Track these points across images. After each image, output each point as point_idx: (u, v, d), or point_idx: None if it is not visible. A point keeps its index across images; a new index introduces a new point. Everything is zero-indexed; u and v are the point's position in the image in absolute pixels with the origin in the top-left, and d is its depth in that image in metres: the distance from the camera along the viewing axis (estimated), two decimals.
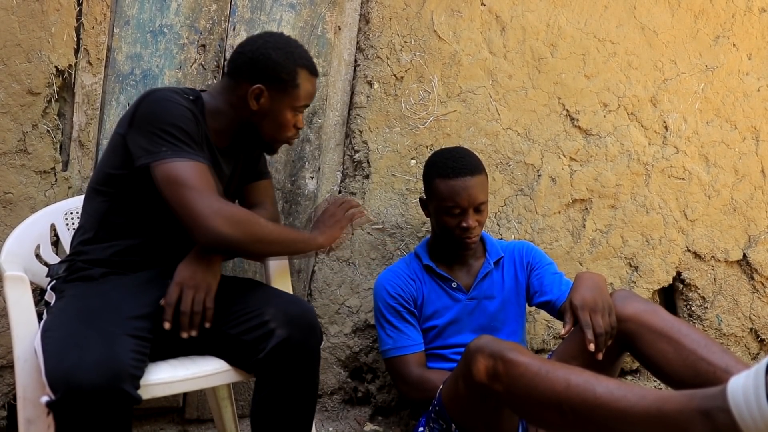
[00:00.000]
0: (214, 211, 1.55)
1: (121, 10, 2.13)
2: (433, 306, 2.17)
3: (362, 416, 2.49)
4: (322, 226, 1.83)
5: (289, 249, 1.77)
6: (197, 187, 1.57)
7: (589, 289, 1.80)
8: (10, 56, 1.99)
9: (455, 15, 2.50)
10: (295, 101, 1.79)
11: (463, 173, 2.06)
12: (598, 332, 1.71)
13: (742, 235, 2.98)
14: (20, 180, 2.03)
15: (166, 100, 1.65)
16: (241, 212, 1.63)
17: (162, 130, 1.61)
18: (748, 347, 3.07)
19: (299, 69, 1.78)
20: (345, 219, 1.87)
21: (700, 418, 1.13)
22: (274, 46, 1.77)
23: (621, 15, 2.72)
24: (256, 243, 1.63)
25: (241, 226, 1.58)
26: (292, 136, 1.87)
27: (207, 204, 1.56)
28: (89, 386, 1.34)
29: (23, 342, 1.55)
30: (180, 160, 1.59)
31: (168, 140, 1.60)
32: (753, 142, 2.97)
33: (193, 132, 1.64)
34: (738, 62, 2.92)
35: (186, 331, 1.60)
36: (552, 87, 2.64)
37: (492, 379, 1.45)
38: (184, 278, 1.63)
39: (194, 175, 1.58)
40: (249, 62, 1.76)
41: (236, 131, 1.83)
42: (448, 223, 2.08)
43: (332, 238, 1.84)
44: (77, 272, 1.69)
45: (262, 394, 1.67)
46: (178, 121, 1.62)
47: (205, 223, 1.55)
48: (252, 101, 1.76)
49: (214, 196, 1.58)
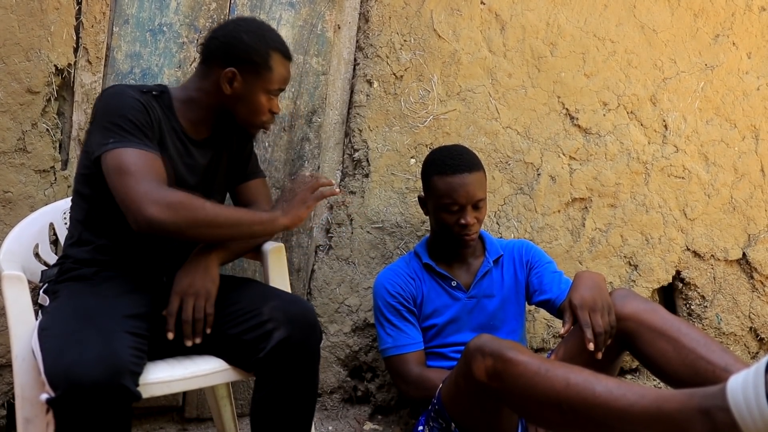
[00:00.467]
0: (147, 196, 1.52)
1: (120, 8, 2.12)
2: (433, 305, 2.17)
3: (362, 415, 2.49)
4: (286, 206, 1.73)
5: (245, 232, 1.68)
6: (136, 173, 1.55)
7: (588, 288, 1.80)
8: (9, 55, 1.99)
9: (455, 14, 2.49)
10: (268, 84, 1.77)
11: (460, 170, 2.06)
12: (598, 332, 1.71)
13: (741, 234, 2.98)
14: (19, 179, 2.03)
15: (117, 94, 1.65)
16: (179, 197, 1.56)
17: (111, 122, 1.61)
18: (748, 346, 3.07)
19: (272, 52, 1.77)
20: (311, 198, 1.74)
21: (700, 417, 1.13)
22: (246, 30, 1.76)
23: (621, 14, 2.72)
24: (197, 227, 1.57)
25: (177, 211, 1.53)
26: (268, 121, 1.84)
27: (143, 189, 1.53)
28: (90, 382, 1.34)
29: (21, 341, 1.55)
30: (124, 148, 1.58)
31: (115, 131, 1.60)
32: (752, 141, 2.97)
33: (141, 121, 1.63)
34: (738, 61, 2.91)
35: (190, 339, 1.62)
36: (552, 86, 2.64)
37: (491, 378, 1.45)
38: (184, 287, 1.64)
39: (135, 161, 1.57)
40: (221, 46, 1.75)
41: (213, 121, 1.82)
42: (446, 220, 2.08)
43: (297, 219, 1.72)
44: (68, 272, 1.70)
45: (261, 393, 1.67)
46: (125, 112, 1.62)
47: (137, 207, 1.52)
48: (225, 85, 1.75)
49: (154, 182, 1.55)
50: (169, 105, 1.77)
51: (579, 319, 1.74)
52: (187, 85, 1.83)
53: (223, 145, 1.90)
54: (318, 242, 2.45)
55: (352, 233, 2.43)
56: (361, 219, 2.43)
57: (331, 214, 2.44)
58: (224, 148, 1.90)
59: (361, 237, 2.44)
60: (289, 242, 2.37)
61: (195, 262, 1.68)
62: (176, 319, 1.62)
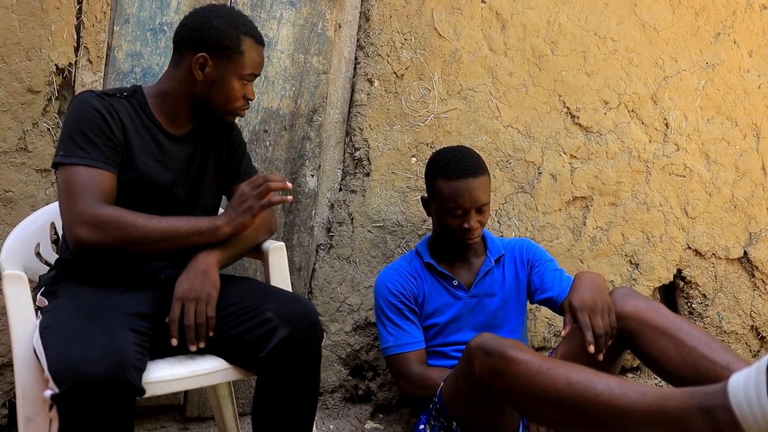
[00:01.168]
0: (78, 217, 1.56)
1: (121, 8, 2.12)
2: (434, 304, 2.17)
3: (363, 414, 2.49)
4: (232, 213, 1.68)
5: (182, 243, 1.65)
6: (74, 193, 1.58)
7: (588, 289, 1.79)
8: (10, 54, 1.99)
9: (455, 12, 2.49)
10: (240, 69, 1.75)
11: (465, 174, 2.05)
12: (598, 333, 1.70)
13: (742, 233, 2.98)
14: (20, 178, 2.03)
15: (76, 104, 1.67)
16: (109, 215, 1.57)
17: (65, 133, 1.65)
18: (749, 344, 3.07)
19: (243, 36, 1.75)
20: (258, 206, 1.66)
21: (701, 416, 1.13)
22: (216, 15, 1.75)
23: (621, 12, 2.72)
24: (129, 245, 1.59)
25: (107, 230, 1.56)
26: (242, 107, 1.82)
27: (76, 210, 1.57)
28: (95, 377, 1.34)
29: (22, 340, 1.55)
30: (70, 165, 1.61)
31: (67, 143, 1.63)
32: (754, 140, 2.96)
33: (95, 132, 1.64)
34: (739, 59, 2.91)
35: (194, 344, 1.62)
36: (552, 84, 2.64)
37: (493, 377, 1.44)
38: (184, 292, 1.64)
39: (76, 179, 1.59)
40: (191, 33, 1.74)
41: (191, 113, 1.81)
42: (449, 223, 2.08)
43: (241, 227, 1.68)
44: (66, 272, 1.70)
45: (263, 392, 1.67)
46: (80, 123, 1.64)
47: (69, 230, 1.58)
48: (197, 71, 1.73)
49: (89, 201, 1.58)
50: (143, 103, 1.76)
51: (579, 321, 1.73)
52: (161, 78, 1.82)
53: (208, 141, 1.87)
54: (319, 241, 2.45)
55: (353, 232, 2.43)
56: (362, 218, 2.43)
57: (332, 213, 2.44)
58: (210, 143, 1.88)
59: (362, 236, 2.44)
60: (290, 241, 2.38)
61: (195, 267, 1.68)
62: (179, 324, 1.62)
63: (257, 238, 1.88)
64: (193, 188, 1.84)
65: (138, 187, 1.71)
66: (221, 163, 1.92)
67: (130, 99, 1.75)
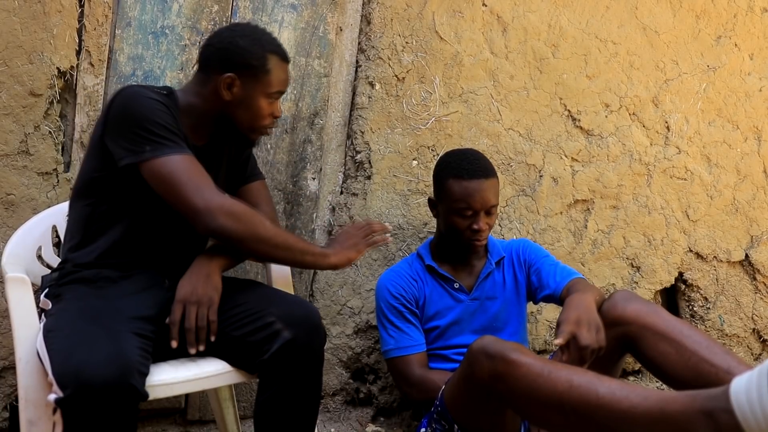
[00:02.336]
0: (213, 206, 1.58)
1: (122, 11, 2.13)
2: (435, 306, 2.17)
3: (364, 417, 2.49)
4: (338, 246, 1.79)
5: (296, 258, 1.72)
6: (190, 182, 1.59)
7: (575, 308, 1.76)
8: (12, 57, 1.99)
9: (456, 16, 2.50)
10: (267, 87, 1.77)
11: (477, 175, 2.05)
12: (584, 344, 1.66)
13: (744, 236, 2.98)
14: (22, 181, 2.04)
15: (138, 96, 1.64)
16: (244, 208, 1.64)
17: (140, 127, 1.60)
18: (751, 348, 3.07)
19: (269, 55, 1.76)
20: (363, 243, 1.81)
21: (703, 419, 1.13)
22: (242, 34, 1.76)
23: (622, 15, 2.72)
24: (257, 242, 1.63)
25: (244, 223, 1.61)
26: (269, 125, 1.84)
27: (206, 197, 1.58)
28: (100, 382, 1.34)
29: (25, 343, 1.55)
30: (165, 155, 1.59)
31: (148, 137, 1.60)
32: (755, 143, 2.97)
33: (170, 124, 1.63)
34: (740, 62, 2.91)
35: (194, 347, 1.62)
36: (554, 87, 2.64)
37: (494, 380, 1.45)
38: (186, 295, 1.64)
39: (183, 168, 1.60)
40: (218, 53, 1.75)
41: (212, 128, 1.81)
42: (458, 224, 2.08)
43: (346, 261, 1.78)
44: (70, 275, 1.69)
45: (265, 395, 1.67)
46: (154, 116, 1.62)
47: (206, 218, 1.58)
48: (224, 91, 1.74)
49: (210, 188, 1.60)
50: (176, 107, 1.76)
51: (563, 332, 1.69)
52: (187, 90, 1.82)
53: (221, 153, 1.89)
54: (320, 244, 2.45)
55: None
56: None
57: (333, 216, 2.44)
58: (222, 155, 1.89)
59: None
60: None
61: (197, 270, 1.68)
62: (179, 327, 1.62)
63: None
64: None
65: None
66: (229, 168, 1.93)
67: (167, 99, 1.72)
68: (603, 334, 1.71)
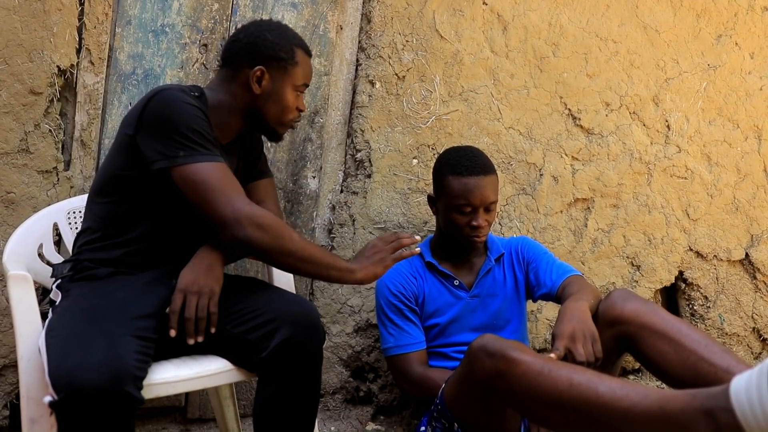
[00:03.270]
0: (244, 216, 1.58)
1: (123, 9, 2.13)
2: (435, 304, 2.17)
3: (364, 416, 2.49)
4: (364, 261, 1.73)
5: (321, 273, 1.69)
6: (222, 190, 1.59)
7: (569, 320, 1.74)
8: (12, 56, 1.99)
9: (457, 14, 2.50)
10: (295, 80, 1.80)
11: (476, 172, 2.06)
12: (579, 361, 1.65)
13: (744, 235, 2.98)
14: (22, 179, 2.04)
15: (176, 100, 1.64)
16: (272, 219, 1.62)
17: (176, 132, 1.60)
18: (751, 347, 3.07)
19: (296, 48, 1.81)
20: (390, 258, 1.75)
21: (703, 418, 1.13)
22: (268, 29, 1.80)
23: (623, 14, 2.72)
24: (282, 255, 1.63)
25: (271, 235, 1.60)
26: (295, 119, 1.87)
27: (236, 206, 1.59)
28: (91, 387, 1.34)
29: (27, 341, 1.55)
30: (198, 162, 1.60)
31: (183, 143, 1.60)
32: (755, 141, 2.96)
33: (206, 131, 1.64)
34: (740, 61, 2.91)
35: (192, 338, 1.61)
36: (554, 86, 2.64)
37: (494, 378, 1.44)
38: (187, 285, 1.63)
39: (216, 176, 1.60)
40: (246, 47, 1.77)
41: (239, 125, 1.83)
42: (457, 221, 2.08)
43: (372, 276, 1.73)
44: (83, 272, 1.69)
45: (264, 393, 1.67)
46: (192, 122, 1.62)
47: (235, 225, 1.58)
48: (254, 85, 1.76)
49: (242, 199, 1.61)
50: (205, 109, 1.75)
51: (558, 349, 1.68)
52: (213, 89, 1.82)
53: (242, 150, 1.91)
54: (320, 242, 2.45)
55: (355, 234, 2.43)
56: (363, 219, 2.43)
57: (333, 215, 2.44)
58: (243, 152, 1.92)
59: (364, 237, 2.44)
60: None
61: (199, 261, 1.67)
62: (180, 316, 1.61)
63: None
64: None
65: None
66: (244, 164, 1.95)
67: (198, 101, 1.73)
68: (599, 345, 1.71)
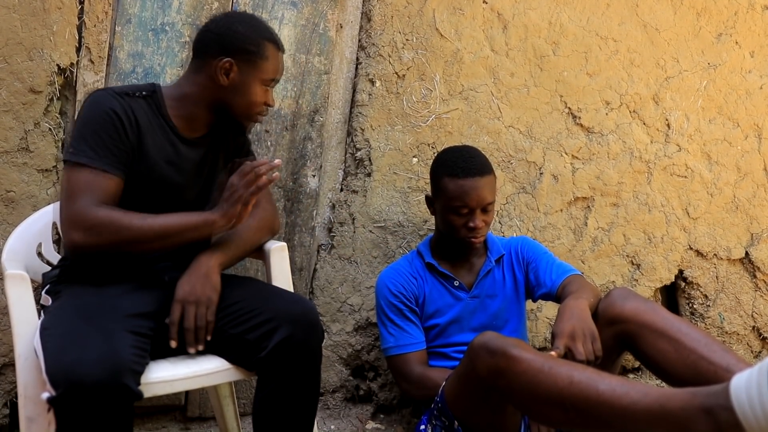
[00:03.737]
0: (72, 220, 1.58)
1: (122, 8, 2.13)
2: (435, 304, 2.16)
3: (364, 414, 2.49)
4: (224, 205, 1.66)
5: (176, 241, 1.65)
6: (74, 194, 1.59)
7: (569, 319, 1.74)
8: (11, 54, 1.99)
9: (457, 13, 2.49)
10: (263, 74, 1.78)
11: (472, 173, 2.05)
12: (579, 359, 1.65)
13: (744, 233, 2.98)
14: (22, 178, 2.03)
15: (93, 103, 1.66)
16: (103, 218, 1.58)
17: (78, 131, 1.65)
18: (751, 345, 3.07)
19: (266, 42, 1.78)
20: (248, 193, 1.64)
21: (703, 416, 1.13)
22: (239, 21, 1.78)
23: (623, 13, 2.72)
24: (124, 245, 1.61)
25: (100, 234, 1.57)
26: (262, 113, 1.84)
27: (72, 212, 1.59)
28: (90, 382, 1.34)
29: (24, 340, 1.56)
30: (75, 163, 1.61)
31: (76, 144, 1.63)
32: (755, 140, 2.96)
33: (107, 134, 1.63)
34: (740, 60, 2.91)
35: (193, 347, 1.63)
36: (554, 85, 2.64)
37: (495, 375, 1.44)
38: (185, 295, 1.64)
39: (77, 180, 1.60)
40: (215, 38, 1.75)
41: (209, 117, 1.81)
42: (454, 222, 2.08)
43: (232, 217, 1.65)
44: (70, 273, 1.70)
45: (264, 392, 1.67)
46: (93, 123, 1.63)
47: (63, 233, 1.60)
48: (221, 76, 1.74)
49: (85, 204, 1.58)
50: (160, 104, 1.76)
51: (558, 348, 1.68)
52: (180, 82, 1.82)
53: (219, 144, 1.88)
54: (320, 241, 2.45)
55: (354, 232, 2.43)
56: (363, 218, 2.43)
57: (333, 213, 2.44)
58: (220, 146, 1.89)
59: (364, 236, 2.44)
60: (292, 241, 2.38)
61: (196, 269, 1.68)
62: (179, 327, 1.63)
63: (260, 239, 1.88)
64: (202, 191, 1.85)
65: (149, 187, 1.72)
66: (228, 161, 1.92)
67: (147, 99, 1.74)
68: (599, 344, 1.71)
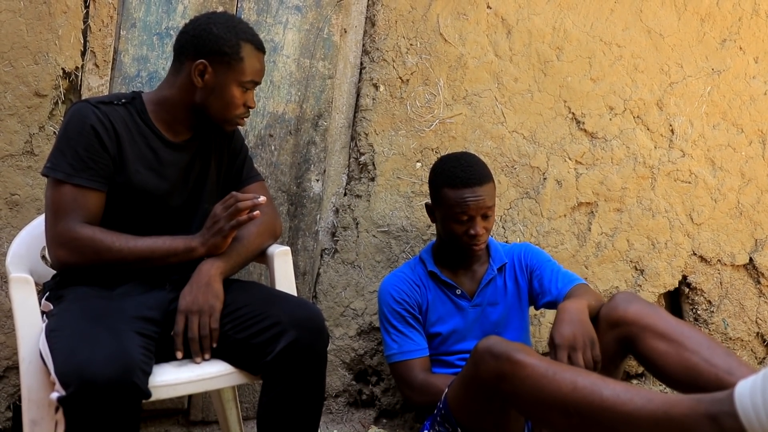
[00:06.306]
0: (57, 238, 1.62)
1: (127, 12, 2.13)
2: (437, 313, 2.16)
3: (367, 419, 2.49)
4: (206, 234, 1.71)
5: (157, 264, 1.69)
6: (58, 211, 1.63)
7: (568, 323, 1.74)
8: (17, 58, 2.00)
9: (461, 18, 2.50)
10: (240, 76, 1.74)
11: (471, 183, 2.04)
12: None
13: (748, 239, 2.97)
14: (27, 181, 2.04)
15: (71, 116, 1.67)
16: (87, 238, 1.61)
17: (57, 144, 1.67)
18: (755, 351, 3.06)
19: (243, 43, 1.74)
20: (228, 227, 1.68)
21: (708, 423, 1.12)
22: (216, 22, 1.75)
23: (627, 18, 2.72)
24: (107, 266, 1.65)
25: (83, 253, 1.62)
26: (242, 115, 1.81)
27: (56, 231, 1.62)
28: (102, 380, 1.35)
29: (28, 343, 1.56)
30: (56, 182, 1.64)
31: (57, 155, 1.65)
32: (759, 146, 2.96)
33: (85, 148, 1.64)
34: (744, 65, 2.91)
35: (199, 356, 1.64)
36: (558, 90, 2.64)
37: (499, 380, 1.44)
38: (188, 306, 1.65)
39: (60, 197, 1.63)
40: (191, 39, 1.74)
41: (191, 120, 1.80)
42: (455, 230, 2.07)
43: (214, 248, 1.71)
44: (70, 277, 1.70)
45: (269, 396, 1.67)
46: (71, 137, 1.65)
47: (49, 249, 1.65)
48: (196, 78, 1.72)
49: (69, 222, 1.62)
50: (141, 110, 1.75)
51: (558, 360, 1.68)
52: (161, 85, 1.82)
53: (208, 148, 1.87)
54: (323, 246, 2.45)
55: (358, 237, 2.43)
56: (366, 223, 2.43)
57: (336, 218, 2.44)
58: (210, 150, 1.87)
59: (367, 241, 2.44)
60: (295, 246, 2.38)
61: (198, 279, 1.69)
62: (183, 337, 1.64)
63: (262, 243, 1.87)
64: (191, 196, 1.84)
65: (131, 196, 1.71)
66: (222, 169, 1.91)
67: (128, 106, 1.74)
68: (598, 350, 1.71)
